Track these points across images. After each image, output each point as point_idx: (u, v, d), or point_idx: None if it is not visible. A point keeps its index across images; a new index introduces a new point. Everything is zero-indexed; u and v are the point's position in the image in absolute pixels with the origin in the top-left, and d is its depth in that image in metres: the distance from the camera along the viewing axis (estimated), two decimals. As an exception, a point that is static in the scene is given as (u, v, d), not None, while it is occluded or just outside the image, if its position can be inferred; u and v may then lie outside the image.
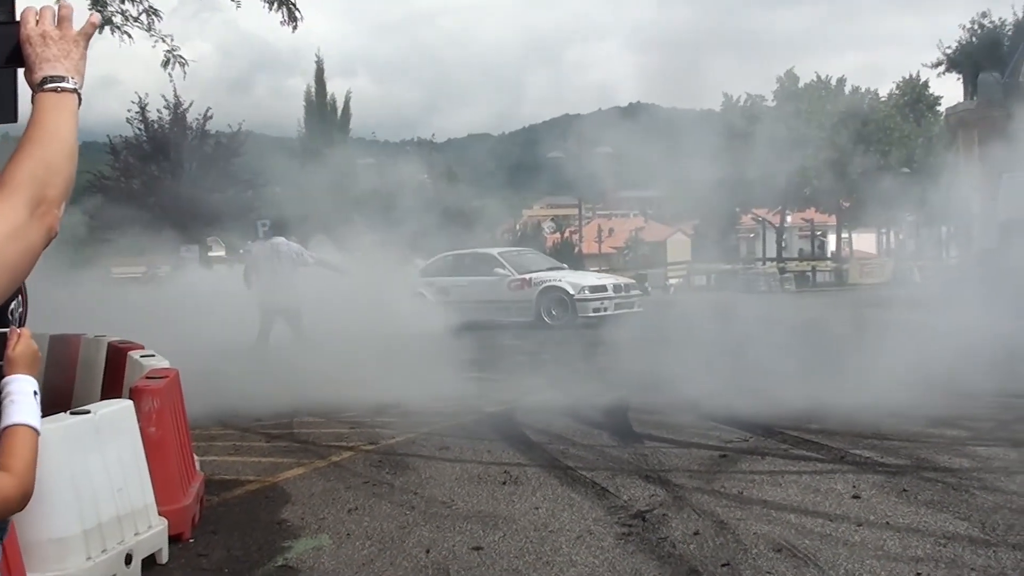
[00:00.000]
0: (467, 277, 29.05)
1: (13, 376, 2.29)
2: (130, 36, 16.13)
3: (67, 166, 1.99)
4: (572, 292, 27.64)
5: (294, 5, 13.73)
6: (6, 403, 2.28)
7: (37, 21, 2.16)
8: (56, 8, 2.17)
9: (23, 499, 2.20)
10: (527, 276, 28.59)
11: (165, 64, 16.67)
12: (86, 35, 2.18)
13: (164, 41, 15.33)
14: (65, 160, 1.99)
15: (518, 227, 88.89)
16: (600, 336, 21.17)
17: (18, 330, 2.28)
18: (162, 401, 7.51)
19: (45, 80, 2.09)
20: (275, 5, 13.64)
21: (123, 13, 14.44)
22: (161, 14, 14.12)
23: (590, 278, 29.53)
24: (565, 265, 32.99)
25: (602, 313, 27.17)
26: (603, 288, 28.23)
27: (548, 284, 28.12)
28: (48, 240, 1.92)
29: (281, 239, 17.59)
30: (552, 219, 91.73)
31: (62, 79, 2.11)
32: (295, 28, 13.90)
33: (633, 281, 30.69)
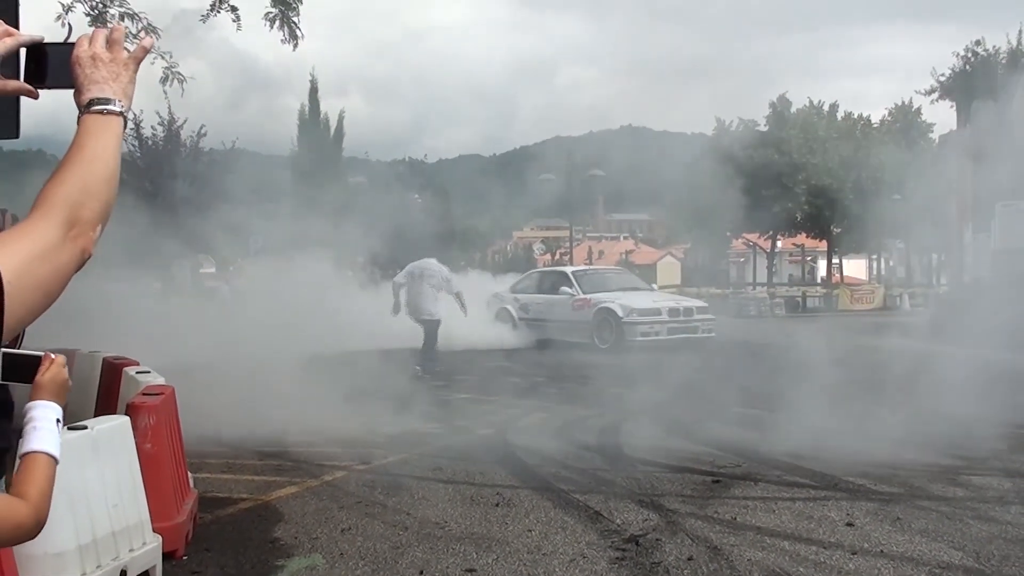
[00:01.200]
0: (544, 295, 28.70)
1: (38, 402, 2.29)
2: (128, 51, 16.06)
3: (106, 189, 1.99)
4: (620, 315, 26.06)
5: (295, 23, 13.75)
6: (28, 429, 2.27)
7: (90, 44, 2.17)
8: (108, 31, 2.18)
9: (37, 527, 2.19)
10: (589, 296, 27.30)
11: (164, 80, 16.66)
12: (136, 59, 2.19)
13: (163, 58, 15.31)
14: (104, 183, 1.99)
15: (509, 248, 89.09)
16: (622, 361, 21.09)
17: (52, 356, 2.28)
18: (158, 418, 7.50)
19: (92, 102, 2.09)
20: (276, 23, 13.65)
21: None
22: (160, 32, 14.10)
23: (645, 300, 27.22)
24: (653, 286, 32.03)
25: (652, 338, 25.51)
26: (655, 311, 26.29)
27: (602, 305, 26.58)
28: (81, 262, 1.92)
29: (433, 260, 20.34)
30: (542, 240, 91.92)
31: (108, 101, 2.11)
32: (296, 46, 13.92)
33: (703, 304, 28.31)
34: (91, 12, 13.61)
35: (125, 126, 2.10)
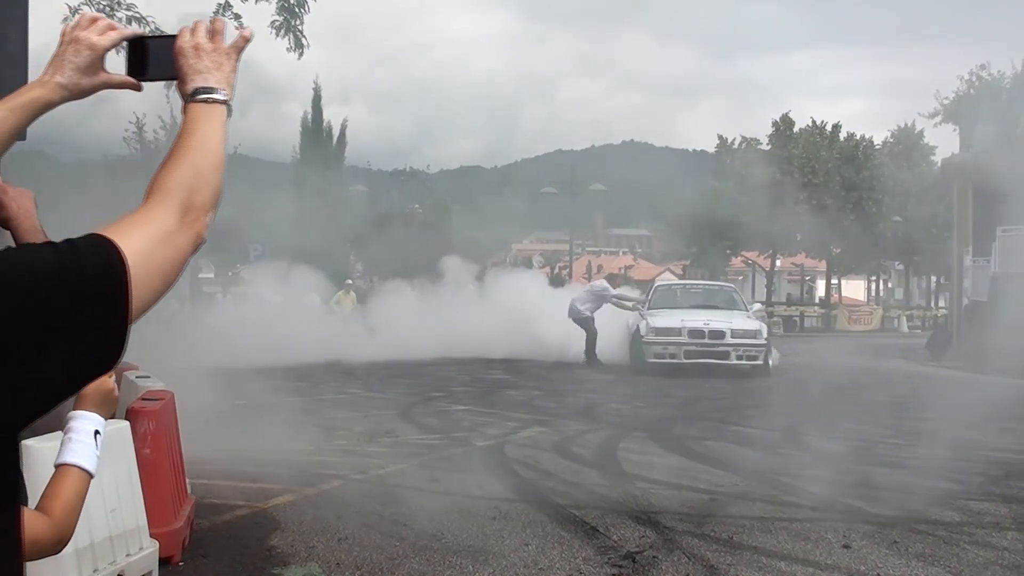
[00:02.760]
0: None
1: (79, 412, 2.28)
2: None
3: (215, 175, 2.02)
4: (642, 333, 24.14)
5: (301, 32, 13.76)
6: (65, 439, 2.27)
7: (192, 35, 2.22)
8: (210, 22, 2.22)
9: (58, 544, 2.19)
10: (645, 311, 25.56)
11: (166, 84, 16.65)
12: (237, 48, 2.23)
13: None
14: (213, 169, 2.02)
15: (508, 260, 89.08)
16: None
17: None
18: (157, 423, 7.50)
19: (197, 91, 2.13)
20: (282, 31, 13.66)
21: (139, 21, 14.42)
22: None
23: (675, 319, 24.44)
24: (754, 306, 29.15)
25: (667, 360, 23.49)
26: (675, 331, 23.92)
27: (640, 323, 24.65)
28: (196, 247, 1.95)
29: (602, 282, 26.17)
30: (541, 253, 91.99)
31: (213, 90, 2.14)
32: (301, 55, 13.92)
33: (757, 327, 24.57)
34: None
35: (229, 114, 2.14)
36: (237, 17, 13.97)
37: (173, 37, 2.23)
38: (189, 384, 19.27)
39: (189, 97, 2.15)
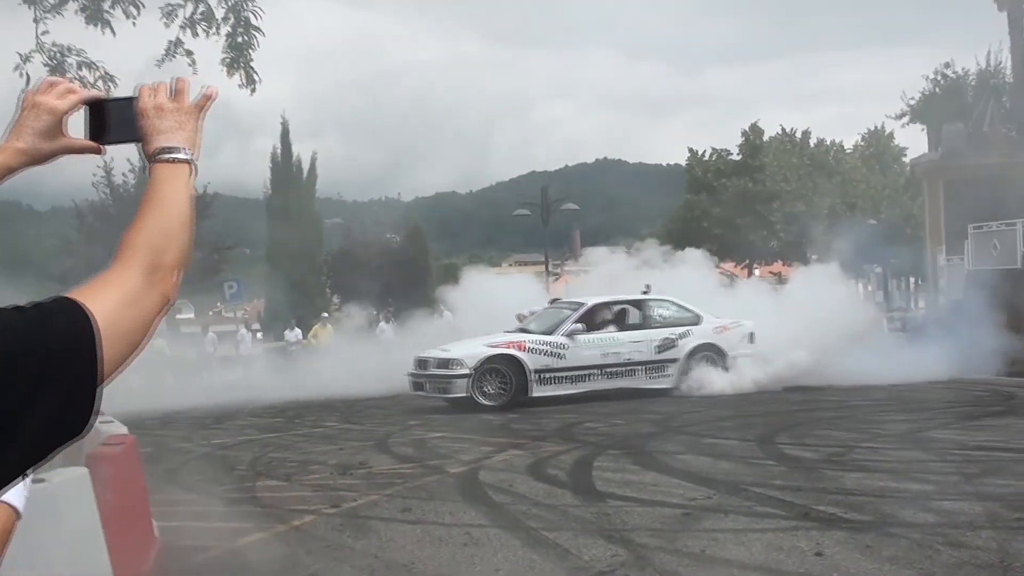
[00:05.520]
0: None
1: None
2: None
3: (182, 234, 2.06)
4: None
5: (252, 68, 13.71)
6: None
7: (153, 95, 2.23)
8: (173, 81, 2.24)
9: None
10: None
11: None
12: (199, 107, 2.26)
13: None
14: (180, 228, 2.06)
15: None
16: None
17: None
18: (118, 468, 7.43)
19: (160, 151, 2.15)
20: (233, 67, 13.60)
21: (80, 79, 14.38)
22: (118, 80, 14.05)
23: (479, 345, 21.78)
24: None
25: (427, 394, 21.57)
26: (423, 363, 21.72)
27: None
28: (163, 307, 1.97)
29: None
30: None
31: (177, 150, 2.16)
32: (253, 91, 13.87)
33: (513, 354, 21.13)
34: (49, 62, 13.58)
35: (194, 174, 2.15)
36: (189, 53, 13.94)
37: (133, 99, 2.23)
38: (167, 427, 19.29)
39: (152, 157, 2.16)
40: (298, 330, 38.09)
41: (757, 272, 72.63)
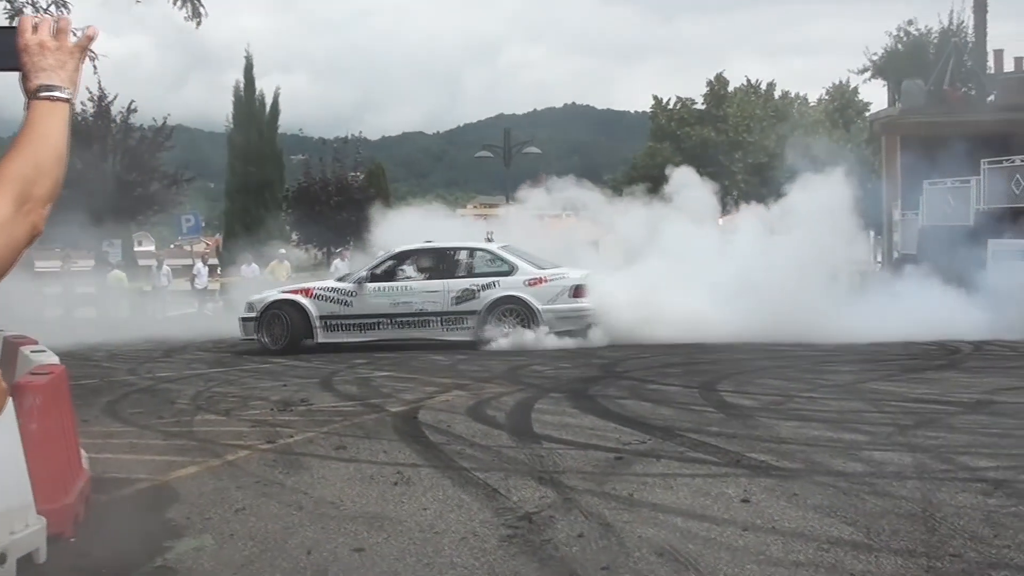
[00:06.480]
0: None
1: None
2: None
3: (55, 169, 2.13)
4: None
5: (198, 1, 13.59)
6: None
7: (35, 30, 2.25)
8: (56, 20, 2.25)
9: None
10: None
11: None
12: (81, 47, 2.29)
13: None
14: (54, 163, 2.12)
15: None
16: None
17: None
18: (45, 397, 7.37)
19: (40, 88, 2.23)
20: (179, 2, 13.49)
21: (33, 4, 14.24)
22: (70, 5, 13.93)
23: (275, 291, 23.60)
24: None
25: (242, 337, 22.73)
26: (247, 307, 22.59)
27: None
28: (32, 238, 2.01)
29: None
30: (484, 218, 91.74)
31: (56, 88, 2.24)
32: (199, 24, 13.78)
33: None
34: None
35: (72, 112, 2.20)
36: None
37: (13, 28, 2.24)
38: (114, 359, 19.23)
39: (33, 94, 2.23)
40: (255, 266, 38.01)
41: (721, 222, 72.87)
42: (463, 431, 11.06)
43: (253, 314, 21.80)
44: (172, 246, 63.43)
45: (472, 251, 22.20)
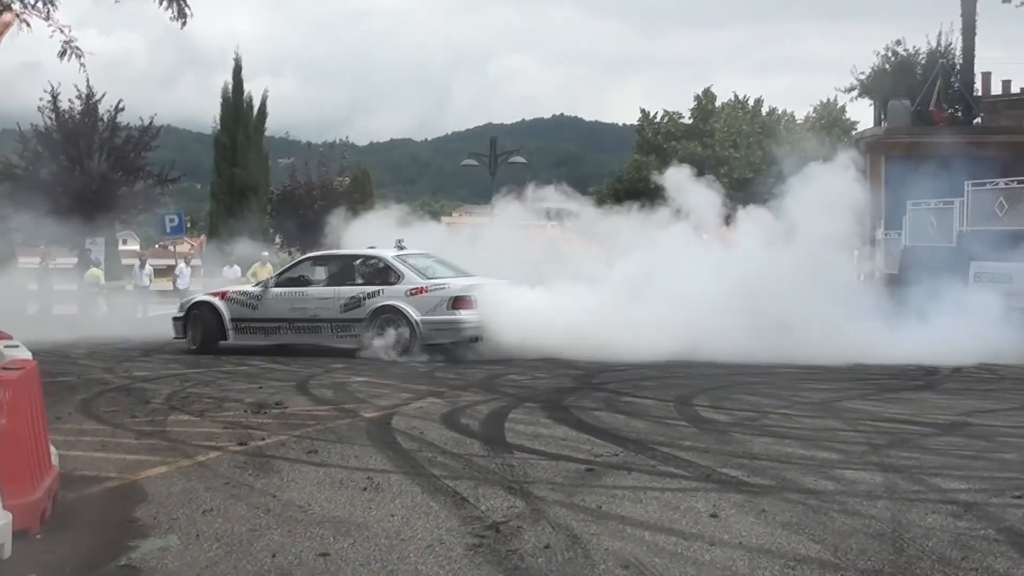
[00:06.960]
0: None
1: None
2: (28, 24, 16.03)
3: None
4: None
5: (184, 2, 13.58)
6: None
7: None
8: None
9: None
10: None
11: (62, 55, 16.57)
12: None
13: (62, 31, 15.11)
14: None
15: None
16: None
17: None
18: (15, 392, 7.34)
19: None
20: (164, 2, 13.49)
21: (22, 0, 14.25)
22: (56, 2, 13.93)
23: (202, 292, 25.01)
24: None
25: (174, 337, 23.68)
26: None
27: None
28: None
29: None
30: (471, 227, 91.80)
31: None
32: (184, 24, 13.77)
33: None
34: None
35: None
36: None
37: None
38: (91, 356, 19.17)
39: None
40: (237, 267, 37.97)
41: (706, 238, 72.96)
42: (435, 438, 11.04)
43: (181, 314, 22.74)
44: (156, 246, 63.34)
45: (366, 259, 22.24)
